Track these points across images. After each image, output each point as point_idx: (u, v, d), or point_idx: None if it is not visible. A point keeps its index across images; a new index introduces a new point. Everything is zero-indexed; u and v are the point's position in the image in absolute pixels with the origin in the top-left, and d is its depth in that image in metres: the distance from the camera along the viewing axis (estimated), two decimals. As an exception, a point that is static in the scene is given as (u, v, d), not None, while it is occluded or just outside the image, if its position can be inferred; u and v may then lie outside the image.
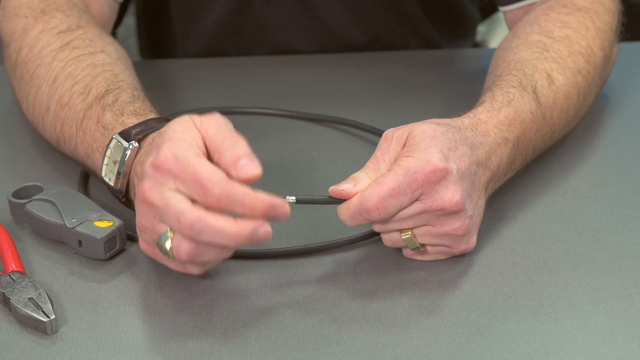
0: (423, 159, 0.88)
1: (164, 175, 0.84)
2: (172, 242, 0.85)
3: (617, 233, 0.97)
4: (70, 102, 1.02)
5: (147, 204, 0.86)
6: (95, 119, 0.99)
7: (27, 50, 1.09)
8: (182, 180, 0.84)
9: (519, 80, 1.02)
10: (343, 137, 1.15)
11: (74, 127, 1.01)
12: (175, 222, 0.83)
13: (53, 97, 1.04)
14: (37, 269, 0.93)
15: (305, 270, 0.92)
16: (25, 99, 1.09)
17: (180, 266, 0.88)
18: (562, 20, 1.11)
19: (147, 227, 0.87)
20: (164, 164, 0.84)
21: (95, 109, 0.99)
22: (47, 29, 1.10)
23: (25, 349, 0.84)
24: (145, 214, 0.87)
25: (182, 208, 0.83)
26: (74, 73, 1.04)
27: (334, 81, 1.27)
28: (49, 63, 1.06)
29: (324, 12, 1.34)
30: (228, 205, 0.83)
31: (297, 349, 0.84)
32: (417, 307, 0.88)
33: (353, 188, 0.89)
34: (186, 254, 0.85)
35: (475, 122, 0.95)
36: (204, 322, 0.87)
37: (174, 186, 0.84)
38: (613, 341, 0.85)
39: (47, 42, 1.08)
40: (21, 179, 1.03)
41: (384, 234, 0.92)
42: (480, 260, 0.94)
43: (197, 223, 0.82)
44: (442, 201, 0.88)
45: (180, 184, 0.84)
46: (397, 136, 0.91)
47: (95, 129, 0.98)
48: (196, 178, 0.83)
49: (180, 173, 0.84)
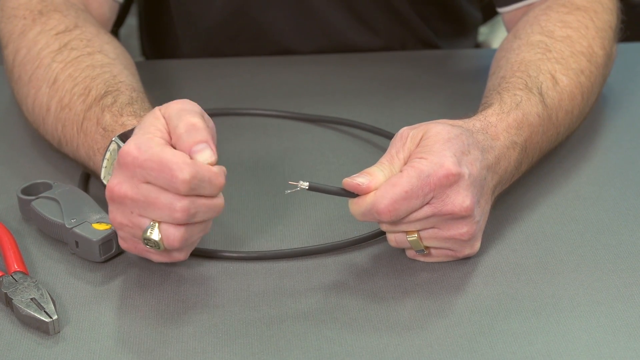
0: (437, 162, 0.87)
1: (130, 168, 0.85)
2: (160, 231, 0.85)
3: (619, 234, 0.97)
4: (71, 103, 1.02)
5: (120, 200, 0.86)
6: (94, 120, 0.99)
7: (25, 51, 1.09)
8: (149, 169, 0.84)
9: (525, 82, 1.02)
10: (344, 138, 1.15)
11: (75, 129, 1.01)
12: (167, 211, 0.84)
13: (53, 98, 1.04)
14: (39, 269, 0.93)
15: (307, 272, 0.92)
16: (24, 100, 1.09)
17: (166, 256, 0.89)
18: (562, 20, 1.11)
19: (124, 224, 0.87)
20: (127, 156, 0.85)
21: (95, 111, 0.99)
22: (45, 30, 1.10)
23: (27, 350, 0.84)
24: (120, 210, 0.87)
25: (169, 198, 0.84)
26: (74, 75, 1.04)
27: (335, 82, 1.27)
28: (48, 64, 1.06)
29: (322, 14, 1.34)
30: (197, 186, 0.84)
31: (299, 349, 0.84)
32: (419, 307, 0.88)
33: (368, 184, 0.88)
34: (179, 240, 0.86)
35: (485, 125, 0.95)
36: (206, 323, 0.87)
37: (142, 178, 0.85)
38: (615, 341, 0.85)
39: (46, 43, 1.08)
40: (24, 179, 1.03)
41: (389, 234, 0.92)
42: (483, 260, 0.94)
43: (192, 207, 0.84)
44: (452, 206, 0.88)
45: (147, 174, 0.84)
46: (413, 135, 0.91)
47: (95, 131, 0.98)
48: (161, 164, 0.84)
49: (145, 162, 0.84)
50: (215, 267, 0.93)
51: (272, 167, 1.08)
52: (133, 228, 0.87)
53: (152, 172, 0.84)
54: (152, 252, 0.88)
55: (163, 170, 0.84)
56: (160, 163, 0.84)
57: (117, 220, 0.88)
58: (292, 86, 1.25)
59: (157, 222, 0.86)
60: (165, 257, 0.89)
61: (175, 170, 0.84)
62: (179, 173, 0.84)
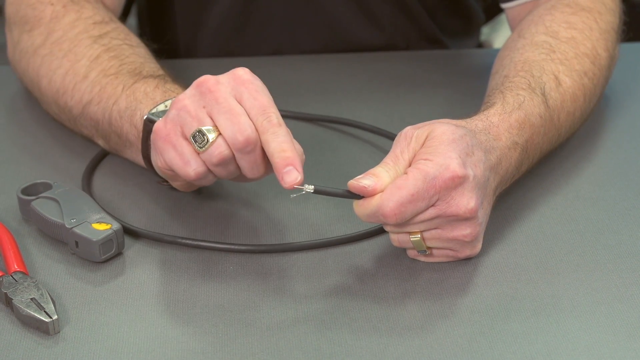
0: (442, 164, 0.87)
1: (230, 77, 0.90)
2: (215, 138, 0.88)
3: (619, 234, 0.97)
4: (119, 74, 1.04)
5: (204, 91, 0.89)
6: (154, 85, 1.01)
7: (61, 33, 1.10)
8: (250, 88, 0.89)
9: (528, 82, 1.02)
10: (344, 138, 1.15)
11: (119, 88, 1.02)
12: (238, 127, 0.87)
13: (95, 69, 1.06)
14: (39, 269, 0.93)
15: (307, 272, 0.92)
16: (53, 71, 1.09)
17: (198, 165, 0.90)
18: (567, 21, 1.11)
19: (187, 109, 0.89)
20: (239, 70, 0.90)
21: (155, 81, 1.02)
22: (82, 17, 1.11)
23: (27, 350, 0.84)
24: (195, 98, 0.89)
25: (247, 121, 0.87)
26: (120, 56, 1.07)
27: (335, 81, 1.27)
28: (90, 44, 1.08)
29: (327, 6, 1.33)
30: (274, 135, 0.88)
31: (299, 350, 0.84)
32: (419, 308, 0.88)
33: (374, 186, 0.88)
34: (219, 157, 0.88)
35: (488, 125, 0.95)
36: (205, 323, 0.87)
37: (237, 93, 0.89)
38: (615, 342, 0.85)
39: (84, 28, 1.10)
40: (24, 179, 1.03)
41: (392, 234, 0.92)
42: (483, 261, 0.93)
43: (254, 142, 0.87)
44: (457, 207, 0.88)
45: (244, 91, 0.89)
46: (417, 135, 0.91)
47: (154, 90, 1.00)
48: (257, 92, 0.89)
49: (250, 80, 0.89)
50: (215, 267, 0.93)
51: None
52: (192, 118, 0.89)
53: (250, 91, 0.89)
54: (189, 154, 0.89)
55: (257, 99, 0.88)
56: (256, 91, 0.89)
57: (183, 102, 0.90)
58: (292, 86, 1.25)
59: (218, 132, 0.88)
60: (195, 169, 0.90)
61: (271, 107, 0.88)
62: (273, 110, 0.88)
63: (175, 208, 1.01)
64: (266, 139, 0.88)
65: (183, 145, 0.90)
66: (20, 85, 1.21)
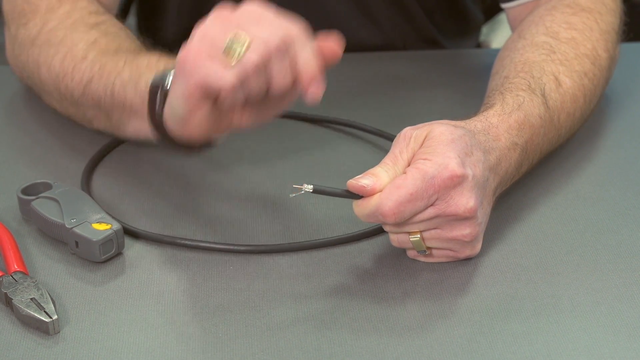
0: (441, 163, 0.87)
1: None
2: (249, 44, 0.87)
3: (619, 234, 0.97)
4: (119, 51, 1.04)
5: (223, 13, 0.89)
6: (156, 57, 1.01)
7: (57, 22, 1.11)
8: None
9: (528, 83, 1.02)
10: (344, 138, 1.15)
11: (121, 63, 1.02)
12: (269, 29, 0.88)
13: (93, 50, 1.06)
14: (39, 269, 0.93)
15: (307, 272, 0.92)
16: (51, 58, 1.09)
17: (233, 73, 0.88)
18: (567, 21, 1.11)
19: (215, 29, 0.88)
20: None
21: (157, 55, 1.02)
22: (77, 8, 1.12)
23: (27, 350, 0.84)
24: (217, 20, 0.89)
25: (278, 24, 0.89)
26: (118, 39, 1.07)
27: (335, 81, 1.26)
28: (87, 30, 1.08)
29: (327, 7, 1.33)
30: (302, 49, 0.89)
31: (299, 350, 0.84)
32: (419, 308, 0.88)
33: (373, 185, 0.88)
34: (253, 63, 0.87)
35: (487, 126, 0.95)
36: (205, 323, 0.87)
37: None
38: (615, 342, 0.85)
39: (80, 17, 1.10)
40: (24, 179, 1.03)
41: (391, 234, 0.92)
42: (483, 261, 0.93)
43: (288, 38, 0.88)
44: (456, 207, 0.88)
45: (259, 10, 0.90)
46: (416, 135, 0.91)
47: (157, 61, 1.00)
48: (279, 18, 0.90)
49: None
50: (216, 268, 0.93)
51: (273, 168, 1.08)
52: (221, 32, 0.88)
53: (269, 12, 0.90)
54: (219, 73, 0.88)
55: (278, 16, 0.90)
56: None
57: (205, 25, 0.89)
58: (292, 86, 1.25)
59: (248, 42, 0.87)
60: (215, 81, 0.89)
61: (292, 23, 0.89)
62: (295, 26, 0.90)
63: (175, 208, 1.01)
64: (294, 49, 0.89)
65: (215, 58, 0.88)
66: (20, 85, 1.21)
